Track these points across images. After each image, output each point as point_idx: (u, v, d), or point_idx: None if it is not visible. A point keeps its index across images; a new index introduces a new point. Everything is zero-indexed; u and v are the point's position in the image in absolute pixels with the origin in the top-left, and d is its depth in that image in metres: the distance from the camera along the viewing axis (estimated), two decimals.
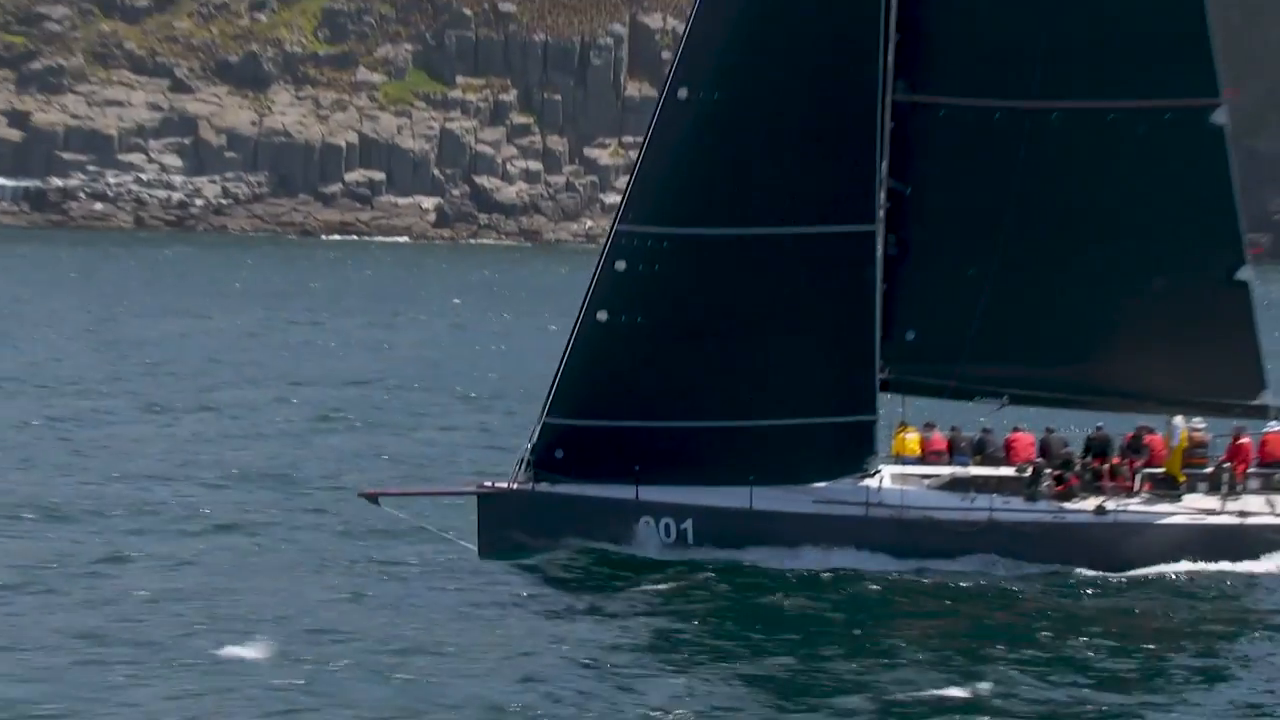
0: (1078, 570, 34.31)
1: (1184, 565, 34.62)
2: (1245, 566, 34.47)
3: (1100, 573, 34.40)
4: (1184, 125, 35.08)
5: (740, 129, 35.76)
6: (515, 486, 35.77)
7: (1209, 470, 36.14)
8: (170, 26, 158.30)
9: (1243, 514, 35.05)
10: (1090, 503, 35.46)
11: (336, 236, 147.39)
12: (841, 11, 35.20)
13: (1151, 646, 30.30)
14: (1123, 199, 35.73)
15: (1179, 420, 36.29)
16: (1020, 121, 35.66)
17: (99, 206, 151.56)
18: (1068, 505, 35.38)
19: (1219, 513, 35.24)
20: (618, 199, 37.60)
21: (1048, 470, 36.07)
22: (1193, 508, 35.57)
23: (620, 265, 35.48)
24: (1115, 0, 35.54)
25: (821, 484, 35.73)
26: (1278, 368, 38.95)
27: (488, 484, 36.32)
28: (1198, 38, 34.58)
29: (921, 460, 37.04)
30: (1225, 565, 34.54)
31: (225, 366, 65.24)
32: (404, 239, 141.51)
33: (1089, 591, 33.53)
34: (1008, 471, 36.33)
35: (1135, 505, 35.55)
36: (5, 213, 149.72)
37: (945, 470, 36.90)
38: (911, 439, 37.22)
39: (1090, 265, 35.81)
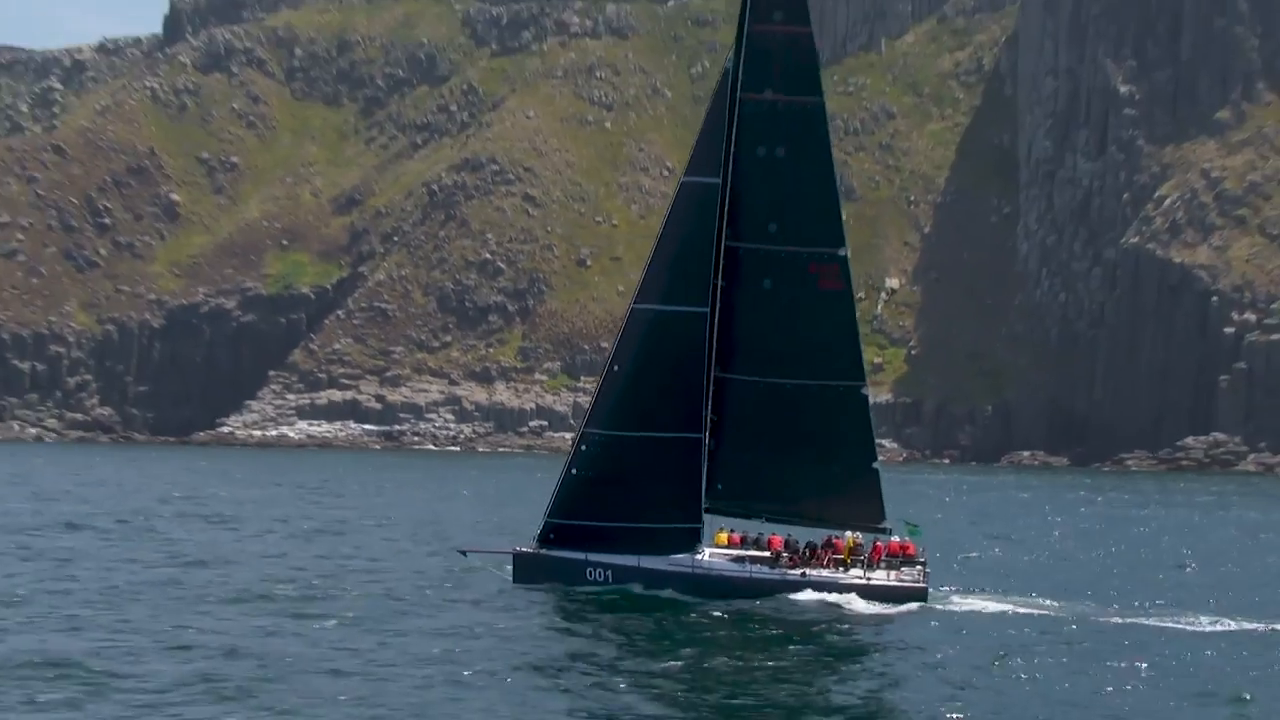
0: (791, 604, 39.19)
1: (845, 603, 39.42)
2: (877, 605, 39.29)
3: (802, 604, 39.24)
4: (849, 393, 41.21)
5: (637, 384, 40.91)
6: (531, 550, 41.61)
7: (862, 558, 40.97)
8: (450, 355, 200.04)
9: (871, 580, 40.41)
10: (799, 571, 40.56)
11: (528, 454, 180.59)
12: (689, 330, 40.74)
13: (827, 637, 34.66)
14: (820, 427, 41.20)
15: (849, 533, 41.54)
16: (773, 389, 41.19)
17: (416, 438, 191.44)
18: (790, 572, 40.45)
19: (864, 579, 40.42)
20: None
21: (784, 554, 40.95)
22: (851, 576, 40.54)
23: (583, 447, 41.03)
24: (814, 333, 41.09)
25: (674, 556, 40.89)
26: (918, 509, 48.18)
27: (519, 548, 42.20)
28: (856, 357, 41.25)
29: (728, 547, 41.77)
30: (864, 604, 39.38)
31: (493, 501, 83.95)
32: (559, 454, 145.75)
33: (792, 612, 37.97)
34: (766, 554, 41.18)
35: (824, 573, 40.57)
36: (374, 441, 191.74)
37: (736, 552, 41.60)
38: (723, 536, 42.05)
39: (806, 457, 41.22)
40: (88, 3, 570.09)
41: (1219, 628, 37.94)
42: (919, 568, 40.82)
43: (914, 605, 39.65)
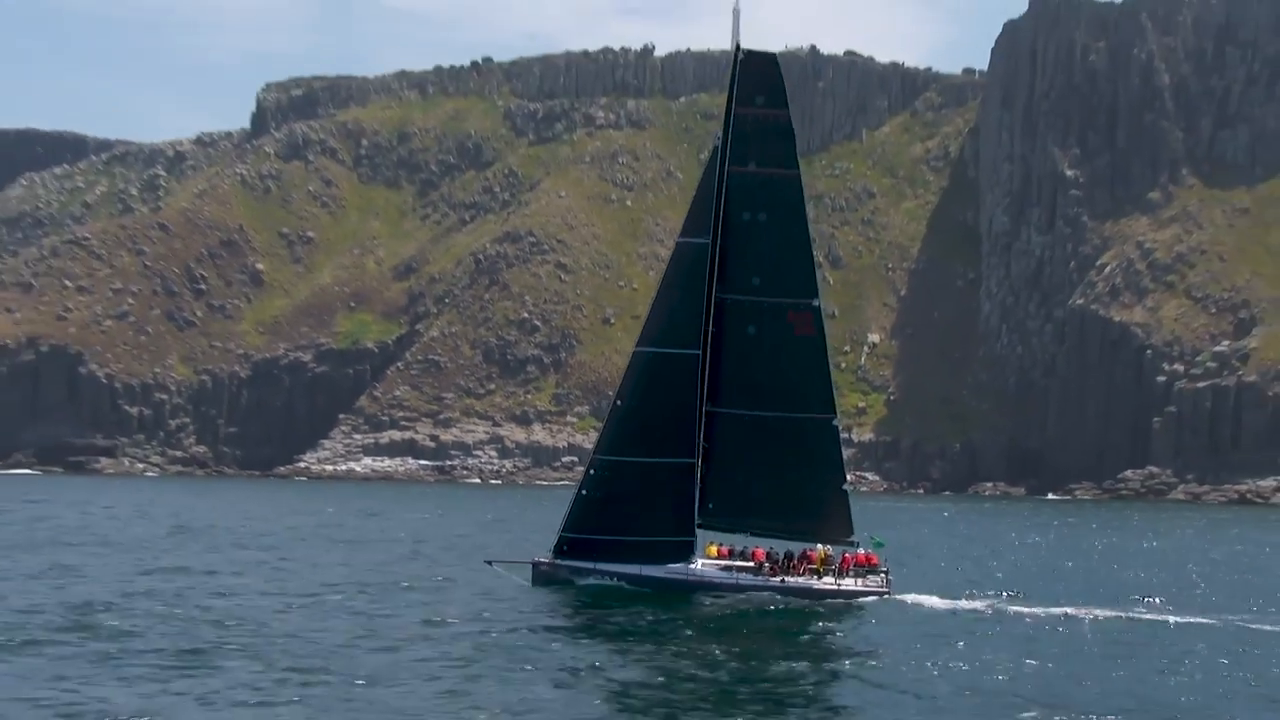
0: (771, 604, 39.77)
1: (819, 605, 40.16)
2: (843, 607, 40.21)
3: (779, 605, 39.70)
4: (822, 425, 42.24)
5: (639, 416, 41.67)
6: (548, 560, 42.66)
7: (833, 567, 42.36)
8: (494, 401, 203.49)
9: (841, 585, 41.71)
10: (778, 578, 41.59)
11: (562, 487, 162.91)
12: (684, 369, 41.37)
13: (802, 632, 34.54)
14: (798, 454, 41.96)
15: (821, 546, 42.97)
16: (756, 421, 41.87)
17: (465, 472, 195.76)
18: (771, 579, 41.36)
19: (835, 585, 41.74)
20: None
21: (766, 564, 42.02)
22: (824, 583, 41.79)
23: (592, 471, 41.62)
24: (792, 372, 41.47)
25: (670, 565, 41.66)
26: (880, 527, 48.71)
27: (538, 559, 42.98)
28: (828, 393, 41.95)
29: (717, 558, 42.92)
30: (835, 607, 40.16)
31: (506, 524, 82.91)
32: None
33: (773, 613, 38.50)
34: (751, 564, 42.49)
35: (800, 580, 41.70)
36: (427, 474, 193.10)
37: (724, 562, 42.81)
38: (713, 549, 43.19)
39: (785, 480, 42.02)
40: (187, 102, 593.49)
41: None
42: (883, 575, 42.79)
43: (878, 604, 40.97)
